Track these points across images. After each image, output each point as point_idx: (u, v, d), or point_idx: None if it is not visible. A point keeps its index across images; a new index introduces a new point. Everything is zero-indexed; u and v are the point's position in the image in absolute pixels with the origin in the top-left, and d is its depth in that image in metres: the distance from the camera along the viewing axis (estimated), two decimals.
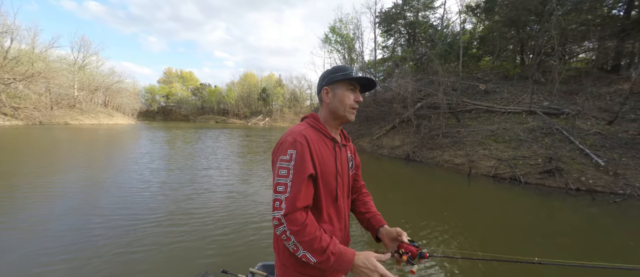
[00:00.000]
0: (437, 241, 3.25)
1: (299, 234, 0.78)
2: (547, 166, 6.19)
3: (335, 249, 0.80)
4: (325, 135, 0.96)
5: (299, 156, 0.83)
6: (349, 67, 0.97)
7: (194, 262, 2.53)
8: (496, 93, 11.39)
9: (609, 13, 11.58)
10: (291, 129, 0.93)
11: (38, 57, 26.22)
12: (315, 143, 0.89)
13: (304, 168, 0.82)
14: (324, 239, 0.80)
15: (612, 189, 5.32)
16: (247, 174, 6.70)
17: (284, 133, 0.94)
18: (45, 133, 15.28)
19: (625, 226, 3.93)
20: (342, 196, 0.97)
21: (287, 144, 0.85)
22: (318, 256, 0.78)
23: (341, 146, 1.01)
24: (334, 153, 0.95)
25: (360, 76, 0.94)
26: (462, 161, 7.93)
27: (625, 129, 7.03)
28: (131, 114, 40.21)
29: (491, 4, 14.79)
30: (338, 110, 0.96)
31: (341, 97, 0.95)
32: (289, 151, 0.83)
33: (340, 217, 0.97)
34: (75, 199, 4.22)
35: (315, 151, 0.87)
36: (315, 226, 0.81)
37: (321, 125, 0.97)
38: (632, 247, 3.21)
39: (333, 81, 0.95)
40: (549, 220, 4.15)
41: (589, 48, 12.78)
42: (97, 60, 35.36)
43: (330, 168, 0.91)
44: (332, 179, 0.92)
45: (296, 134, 0.87)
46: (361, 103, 0.98)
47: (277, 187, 0.82)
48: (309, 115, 1.02)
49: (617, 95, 8.53)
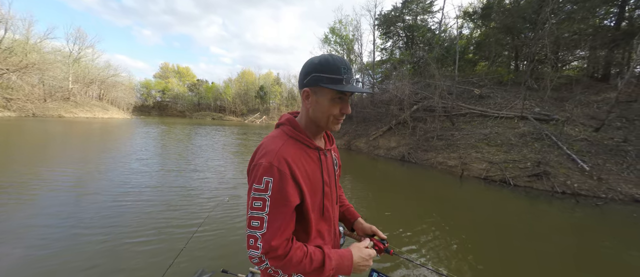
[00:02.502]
0: (421, 241, 3.42)
1: (286, 267, 0.70)
2: (536, 170, 6.44)
3: (331, 264, 0.74)
4: (308, 146, 0.80)
5: (277, 185, 0.68)
6: (341, 64, 0.73)
7: (194, 261, 2.52)
8: (490, 98, 11.68)
9: (600, 23, 11.97)
10: (266, 144, 0.75)
11: (32, 48, 25.79)
12: (298, 161, 0.74)
13: (285, 200, 0.69)
14: (315, 260, 0.72)
15: (595, 193, 5.58)
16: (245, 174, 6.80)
17: (258, 146, 0.77)
18: (37, 126, 15.11)
19: (604, 227, 4.17)
20: (331, 205, 0.88)
21: (263, 170, 0.69)
22: (315, 276, 0.74)
23: (326, 151, 0.87)
24: (319, 164, 0.82)
25: (352, 88, 0.74)
26: (455, 163, 8.16)
27: (610, 136, 7.33)
28: (126, 108, 39.80)
29: (488, 10, 15.12)
30: (319, 121, 0.79)
31: (325, 108, 0.76)
32: (265, 179, 0.68)
33: (330, 226, 0.89)
34: (69, 199, 4.27)
35: (300, 172, 0.73)
36: (301, 250, 0.72)
37: (301, 135, 0.79)
38: (605, 247, 3.43)
39: (317, 84, 0.74)
40: (535, 221, 4.37)
41: (581, 56, 13.19)
42: (92, 53, 34.96)
43: (316, 184, 0.79)
44: (319, 194, 0.81)
45: (272, 155, 0.70)
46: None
47: (251, 222, 0.69)
48: (285, 121, 0.83)
49: (604, 104, 8.85)
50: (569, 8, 11.85)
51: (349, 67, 0.75)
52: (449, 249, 3.15)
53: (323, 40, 19.69)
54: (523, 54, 13.82)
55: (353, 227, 1.07)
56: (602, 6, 11.18)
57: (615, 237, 3.75)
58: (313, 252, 0.73)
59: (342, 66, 0.73)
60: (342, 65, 0.73)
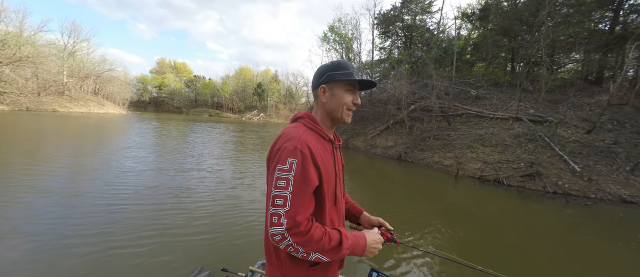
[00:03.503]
0: (419, 233, 3.52)
1: (307, 243, 0.74)
2: (529, 170, 6.59)
3: (348, 242, 0.80)
4: (324, 138, 0.90)
5: (301, 166, 0.75)
6: (350, 64, 0.90)
7: (193, 260, 2.53)
8: (486, 99, 11.84)
9: (595, 27, 12.18)
10: (287, 132, 0.84)
11: (26, 40, 25.35)
12: (318, 149, 0.82)
13: (307, 180, 0.76)
14: (333, 239, 0.78)
15: (585, 193, 5.74)
16: (245, 172, 6.85)
17: (279, 135, 0.85)
18: (29, 121, 14.93)
19: (591, 226, 4.32)
20: (341, 198, 0.96)
21: (287, 152, 0.76)
22: (332, 254, 0.78)
23: (337, 146, 0.98)
24: (333, 156, 0.91)
25: (363, 79, 0.89)
26: (451, 163, 8.29)
27: (602, 138, 7.51)
28: (122, 103, 39.40)
29: (486, 12, 15.25)
30: (335, 112, 0.90)
31: (340, 99, 0.89)
32: (289, 160, 0.75)
33: (341, 218, 0.96)
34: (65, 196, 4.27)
35: (320, 159, 0.81)
36: (320, 229, 0.78)
37: (319, 127, 0.90)
38: (591, 243, 3.56)
39: (332, 80, 0.88)
40: (527, 220, 4.50)
41: (576, 59, 13.42)
42: (87, 46, 34.46)
43: (330, 173, 0.87)
44: (332, 183, 0.88)
45: (296, 140, 0.78)
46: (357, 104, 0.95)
47: (275, 200, 0.74)
48: (304, 115, 0.94)
49: (597, 106, 9.04)
50: (565, 11, 12.02)
51: (355, 68, 0.92)
52: (445, 245, 3.25)
53: (322, 38, 19.74)
54: (519, 56, 14.02)
55: (359, 221, 1.13)
56: (598, 10, 11.38)
57: (600, 235, 3.90)
58: (331, 231, 0.80)
59: (351, 65, 0.91)
60: (350, 65, 0.91)
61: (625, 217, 4.73)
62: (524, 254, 3.18)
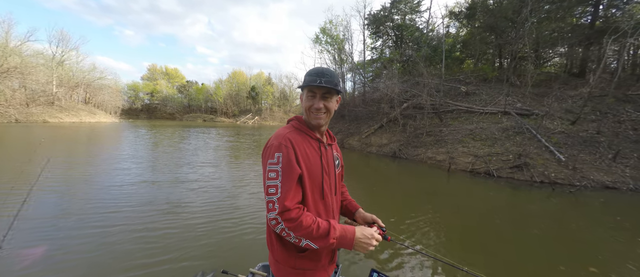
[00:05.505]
0: (412, 230, 3.68)
1: (297, 229, 0.83)
2: (517, 162, 6.85)
3: (335, 233, 0.87)
4: (310, 136, 0.99)
5: (286, 158, 0.86)
6: (318, 71, 0.95)
7: (194, 262, 2.55)
8: (476, 95, 12.16)
9: (577, 22, 12.65)
10: (277, 132, 0.96)
11: (12, 51, 24.82)
12: (300, 144, 0.93)
13: (291, 169, 0.86)
14: (322, 227, 0.85)
15: (570, 181, 6.01)
16: (244, 175, 6.93)
17: (271, 136, 0.97)
18: (18, 132, 14.66)
19: (573, 211, 4.56)
20: (330, 193, 1.02)
21: (274, 148, 0.89)
22: (320, 242, 0.85)
23: (327, 145, 1.05)
24: (319, 152, 0.99)
25: (318, 84, 0.91)
26: (444, 158, 8.52)
27: (585, 129, 7.84)
28: (114, 111, 38.84)
29: (473, 10, 15.65)
30: (305, 114, 1.01)
31: (304, 103, 0.99)
32: (276, 154, 0.87)
33: (329, 213, 1.01)
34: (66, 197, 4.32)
35: (301, 152, 0.91)
36: (310, 217, 0.86)
37: (304, 127, 1.00)
38: (574, 227, 3.78)
39: (304, 85, 0.97)
40: (516, 208, 4.72)
41: (560, 53, 13.89)
42: (77, 55, 33.90)
43: (316, 167, 0.95)
44: (319, 177, 0.96)
45: (281, 138, 0.91)
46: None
47: (269, 189, 0.85)
48: (294, 118, 1.05)
49: (580, 98, 9.41)
50: (548, 7, 12.45)
51: (326, 74, 0.94)
52: (439, 237, 3.42)
53: (314, 40, 19.86)
54: (506, 52, 14.43)
55: (354, 217, 1.20)
56: (578, 5, 11.82)
57: (582, 219, 4.13)
58: (321, 221, 0.88)
59: (319, 72, 0.94)
60: (319, 72, 0.94)
61: (606, 202, 4.99)
62: (515, 241, 3.37)
